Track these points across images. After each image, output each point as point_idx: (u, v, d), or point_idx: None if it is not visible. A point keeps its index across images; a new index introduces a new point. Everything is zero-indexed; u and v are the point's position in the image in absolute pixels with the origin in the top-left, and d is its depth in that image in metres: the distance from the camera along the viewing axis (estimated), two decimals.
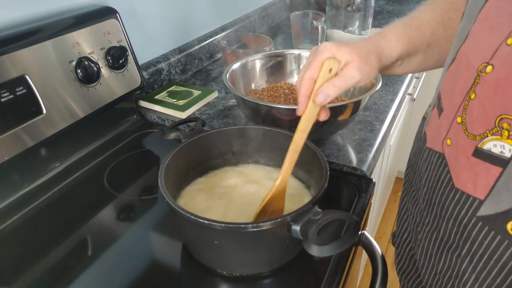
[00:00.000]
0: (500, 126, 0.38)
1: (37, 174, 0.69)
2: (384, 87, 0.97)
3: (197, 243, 0.52)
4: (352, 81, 0.50)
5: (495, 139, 0.39)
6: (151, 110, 0.90)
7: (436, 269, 0.51)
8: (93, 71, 0.72)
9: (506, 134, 0.37)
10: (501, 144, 0.38)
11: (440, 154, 0.46)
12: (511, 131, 0.37)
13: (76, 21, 0.71)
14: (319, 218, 0.44)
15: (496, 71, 0.38)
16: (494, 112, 0.38)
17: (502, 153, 0.38)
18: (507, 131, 0.37)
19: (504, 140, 0.38)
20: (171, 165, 0.55)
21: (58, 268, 0.54)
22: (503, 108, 0.37)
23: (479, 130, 0.40)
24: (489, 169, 0.39)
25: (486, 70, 0.39)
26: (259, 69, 0.87)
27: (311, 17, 1.15)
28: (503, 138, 0.38)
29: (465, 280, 0.46)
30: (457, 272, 0.47)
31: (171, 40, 1.04)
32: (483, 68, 0.40)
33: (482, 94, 0.40)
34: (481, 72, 0.40)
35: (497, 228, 0.37)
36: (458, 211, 0.41)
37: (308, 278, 0.53)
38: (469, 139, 0.41)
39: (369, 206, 0.67)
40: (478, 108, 0.40)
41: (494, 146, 0.39)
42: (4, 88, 0.60)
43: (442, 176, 0.43)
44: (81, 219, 0.62)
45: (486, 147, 0.39)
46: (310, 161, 0.57)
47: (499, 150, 0.38)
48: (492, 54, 0.39)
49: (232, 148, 0.65)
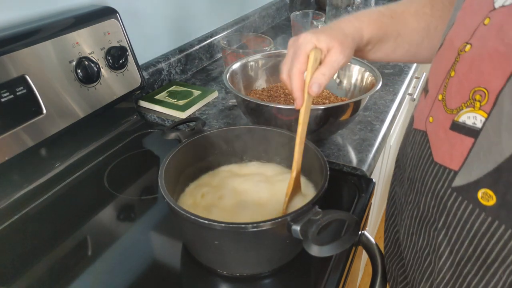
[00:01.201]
0: (473, 98, 0.40)
1: (37, 174, 0.69)
2: (384, 87, 0.97)
3: (197, 243, 0.52)
4: (337, 66, 0.52)
5: (469, 111, 0.41)
6: (151, 110, 0.90)
7: (416, 247, 0.53)
8: (93, 71, 0.72)
9: (478, 105, 0.40)
10: (473, 115, 0.40)
11: (423, 132, 0.48)
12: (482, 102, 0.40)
13: (76, 21, 0.71)
14: (319, 218, 0.44)
15: (474, 49, 0.41)
16: (469, 85, 0.41)
17: (474, 124, 0.40)
18: (479, 102, 0.40)
19: (476, 111, 0.40)
20: (171, 165, 0.55)
21: (58, 268, 0.54)
22: (476, 82, 0.40)
23: (456, 104, 0.43)
24: (463, 140, 0.41)
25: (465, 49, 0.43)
26: (259, 69, 0.87)
27: (311, 17, 1.15)
28: (475, 109, 0.40)
29: (441, 254, 0.48)
30: (434, 247, 0.49)
31: (171, 40, 1.04)
32: (462, 47, 0.43)
33: (460, 71, 0.43)
34: (461, 51, 0.43)
35: (469, 198, 0.39)
36: (436, 184, 0.43)
37: (308, 278, 0.53)
38: (447, 114, 0.44)
39: (369, 206, 0.67)
40: (457, 84, 0.43)
41: (468, 118, 0.41)
42: (4, 88, 0.60)
43: (424, 152, 0.45)
44: (81, 219, 0.62)
45: (461, 119, 0.42)
46: (310, 161, 0.57)
47: (472, 122, 0.41)
48: (471, 35, 0.42)
49: (232, 148, 0.65)
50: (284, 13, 1.55)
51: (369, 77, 0.77)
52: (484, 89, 0.40)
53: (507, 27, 0.38)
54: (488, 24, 0.40)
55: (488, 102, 0.39)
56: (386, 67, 1.08)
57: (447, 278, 0.48)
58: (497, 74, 0.39)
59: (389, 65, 1.09)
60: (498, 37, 0.39)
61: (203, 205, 0.57)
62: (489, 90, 0.39)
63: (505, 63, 0.38)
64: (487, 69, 0.40)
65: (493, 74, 0.39)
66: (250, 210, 0.56)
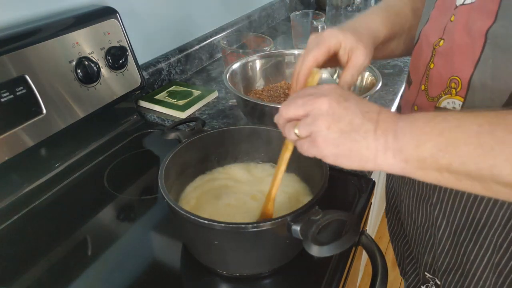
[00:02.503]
0: (450, 86, 0.47)
1: (37, 174, 0.69)
2: (384, 87, 0.97)
3: (197, 243, 0.52)
4: (362, 68, 0.51)
5: (447, 97, 0.47)
6: (151, 110, 0.90)
7: (417, 223, 0.59)
8: (93, 71, 0.72)
9: (454, 92, 0.46)
10: (452, 101, 0.47)
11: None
12: (457, 88, 0.46)
13: (76, 21, 0.71)
14: (319, 218, 0.44)
15: (445, 43, 0.47)
16: (446, 75, 0.47)
17: (454, 108, 0.46)
18: (455, 89, 0.46)
19: (453, 97, 0.46)
20: (171, 165, 0.55)
21: (58, 268, 0.54)
22: (451, 71, 0.46)
23: (436, 93, 0.49)
24: None
25: (440, 43, 0.49)
26: (259, 69, 0.87)
27: (311, 17, 1.15)
28: (452, 95, 0.47)
29: (439, 226, 0.55)
30: (432, 221, 0.56)
31: (171, 40, 1.04)
32: (437, 42, 0.49)
33: (438, 63, 0.49)
34: (436, 45, 0.49)
35: None
36: None
37: (308, 278, 0.53)
38: (429, 102, 0.50)
39: (369, 206, 0.67)
40: (436, 75, 0.49)
41: (447, 103, 0.47)
42: (4, 88, 0.60)
43: None
44: (81, 219, 0.62)
45: (442, 105, 0.48)
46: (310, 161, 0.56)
47: (451, 106, 0.47)
48: (443, 31, 0.48)
49: (232, 148, 0.65)
50: (284, 13, 1.55)
51: (369, 77, 0.77)
52: (458, 78, 0.46)
53: (471, 22, 0.44)
54: (454, 21, 0.46)
55: (462, 88, 0.45)
56: (386, 67, 1.08)
57: (446, 247, 0.55)
58: (466, 63, 0.44)
59: (389, 65, 1.09)
60: (464, 31, 0.44)
61: (203, 205, 0.57)
62: (461, 78, 0.45)
63: (472, 52, 0.44)
64: (458, 60, 0.45)
65: (463, 64, 0.45)
66: (251, 210, 0.56)
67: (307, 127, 0.39)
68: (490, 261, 0.51)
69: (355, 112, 0.38)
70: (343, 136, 0.38)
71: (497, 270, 0.51)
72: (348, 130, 0.38)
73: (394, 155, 0.37)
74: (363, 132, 0.37)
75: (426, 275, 0.63)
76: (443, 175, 0.36)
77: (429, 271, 0.62)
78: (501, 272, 0.50)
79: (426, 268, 0.62)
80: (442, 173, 0.36)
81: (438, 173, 0.36)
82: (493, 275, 0.51)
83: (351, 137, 0.38)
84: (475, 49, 0.43)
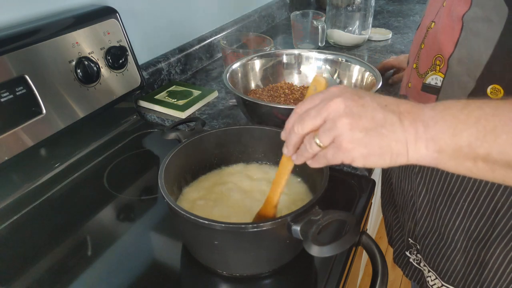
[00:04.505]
0: (435, 64, 0.53)
1: (37, 174, 0.69)
2: (384, 87, 0.97)
3: (197, 243, 0.52)
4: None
5: (432, 74, 0.53)
6: (151, 110, 0.90)
7: (404, 191, 0.67)
8: (93, 71, 0.72)
9: (437, 68, 0.53)
10: (436, 77, 0.53)
11: (405, 96, 0.61)
12: (440, 65, 0.52)
13: (76, 21, 0.71)
14: (320, 218, 0.44)
15: (436, 25, 0.54)
16: (432, 54, 0.53)
17: (436, 84, 0.53)
18: (438, 66, 0.52)
19: (437, 73, 0.53)
20: (171, 165, 0.55)
21: (58, 268, 0.54)
22: (437, 50, 0.53)
23: (424, 70, 0.55)
24: (429, 98, 0.55)
25: (431, 26, 0.55)
26: (259, 69, 0.87)
27: (311, 17, 1.15)
28: (436, 72, 0.53)
29: (419, 192, 0.61)
30: (414, 189, 0.62)
31: (171, 40, 1.04)
32: (430, 25, 0.55)
33: (427, 43, 0.55)
34: (428, 28, 0.56)
35: None
36: None
37: (308, 278, 0.53)
38: (419, 78, 0.56)
39: (369, 206, 0.67)
40: (424, 54, 0.55)
41: (432, 79, 0.54)
42: (4, 88, 0.60)
43: None
44: (81, 219, 0.62)
45: (428, 81, 0.55)
46: None
47: (434, 82, 0.53)
48: (435, 15, 0.55)
49: (232, 148, 0.65)
50: (284, 13, 1.55)
51: (369, 77, 0.77)
52: (441, 56, 0.52)
53: (453, 7, 0.50)
54: (445, 6, 0.53)
55: (444, 65, 0.51)
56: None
57: (425, 212, 0.61)
58: (448, 43, 0.51)
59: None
60: (449, 15, 0.51)
61: (203, 205, 0.57)
62: (444, 56, 0.52)
63: (453, 33, 0.50)
64: (442, 39, 0.52)
65: (446, 43, 0.51)
66: (251, 211, 0.56)
67: (328, 133, 0.37)
68: (461, 225, 0.57)
69: (374, 107, 0.36)
70: (369, 133, 0.35)
71: (468, 233, 0.57)
72: (373, 127, 0.35)
73: (426, 145, 0.35)
74: (389, 125, 0.35)
75: (409, 240, 0.69)
76: (477, 165, 0.34)
77: (411, 237, 0.68)
78: (471, 235, 0.56)
79: (409, 234, 0.69)
80: (477, 162, 0.34)
81: (472, 162, 0.34)
82: (464, 237, 0.57)
83: (377, 132, 0.35)
84: (455, 31, 0.50)
